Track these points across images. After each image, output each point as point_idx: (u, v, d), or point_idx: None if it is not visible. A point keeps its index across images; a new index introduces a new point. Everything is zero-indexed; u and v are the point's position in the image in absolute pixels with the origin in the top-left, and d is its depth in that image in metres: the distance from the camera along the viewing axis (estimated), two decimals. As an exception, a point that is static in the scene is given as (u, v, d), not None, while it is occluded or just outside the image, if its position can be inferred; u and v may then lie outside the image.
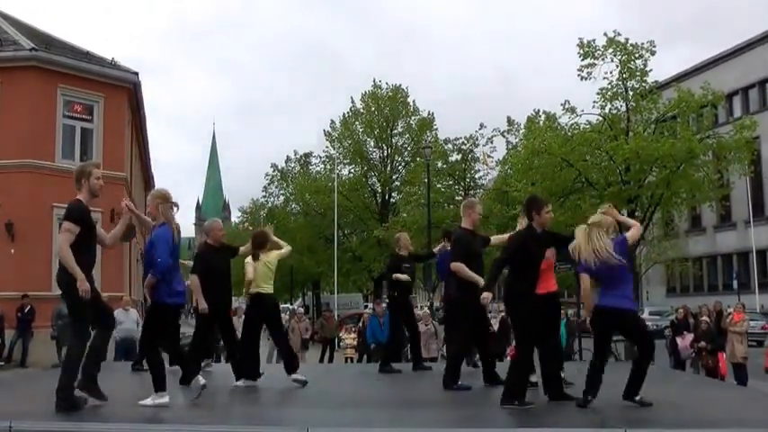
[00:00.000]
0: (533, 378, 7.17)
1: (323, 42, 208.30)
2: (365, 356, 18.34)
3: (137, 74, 22.29)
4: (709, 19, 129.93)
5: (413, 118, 41.05)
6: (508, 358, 16.81)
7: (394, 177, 41.70)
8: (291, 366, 8.03)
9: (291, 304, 45.14)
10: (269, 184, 45.23)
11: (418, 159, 37.99)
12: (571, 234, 6.75)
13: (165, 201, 6.48)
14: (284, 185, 44.89)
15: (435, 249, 9.97)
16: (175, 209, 6.52)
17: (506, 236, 8.19)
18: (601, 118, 24.14)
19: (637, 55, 23.26)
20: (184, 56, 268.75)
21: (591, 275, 6.34)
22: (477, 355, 9.47)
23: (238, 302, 19.50)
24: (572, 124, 24.62)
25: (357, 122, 41.05)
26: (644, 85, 23.71)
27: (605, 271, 6.19)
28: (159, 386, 6.34)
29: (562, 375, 7.35)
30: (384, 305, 19.00)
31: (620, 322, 6.35)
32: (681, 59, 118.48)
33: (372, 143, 41.55)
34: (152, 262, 6.41)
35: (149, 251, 6.46)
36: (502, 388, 7.46)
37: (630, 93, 23.65)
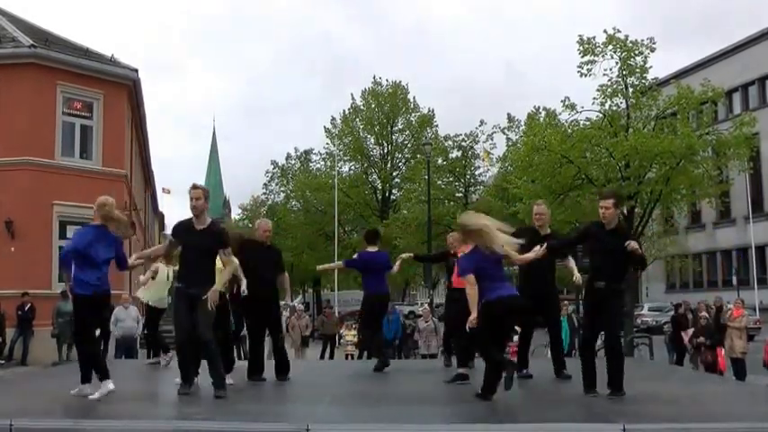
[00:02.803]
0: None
1: (325, 37, 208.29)
2: (366, 353, 18.37)
3: (136, 71, 22.27)
4: (714, 17, 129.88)
5: (413, 115, 41.12)
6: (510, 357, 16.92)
7: (394, 174, 41.77)
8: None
9: (292, 301, 45.15)
10: (269, 181, 45.36)
11: (418, 156, 38.10)
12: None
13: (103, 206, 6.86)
14: (285, 182, 44.94)
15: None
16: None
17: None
18: (601, 115, 24.15)
19: (636, 52, 23.26)
20: (184, 51, 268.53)
21: None
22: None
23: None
24: (572, 121, 24.65)
25: (357, 119, 41.14)
26: (644, 81, 23.72)
27: None
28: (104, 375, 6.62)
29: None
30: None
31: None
32: (687, 57, 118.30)
33: (373, 140, 41.62)
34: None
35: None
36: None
37: (630, 89, 23.66)
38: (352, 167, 42.56)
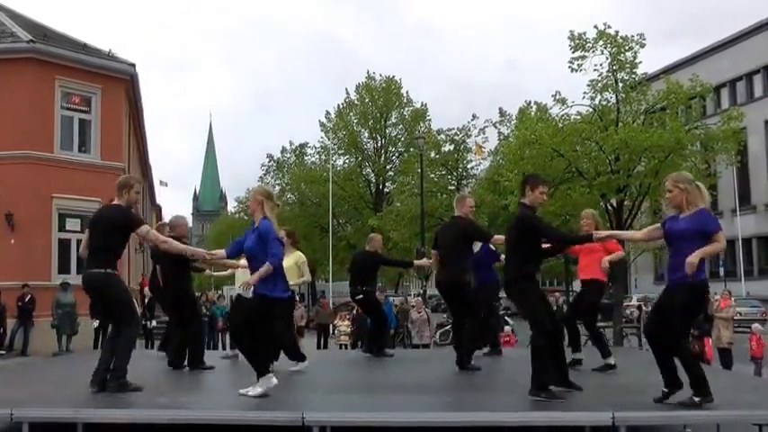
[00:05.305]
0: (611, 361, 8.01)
1: (325, 34, 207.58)
2: (359, 343, 18.75)
3: (134, 65, 22.45)
4: (711, 15, 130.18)
5: (406, 109, 41.35)
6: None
7: (388, 167, 42.02)
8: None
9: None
10: (265, 174, 45.47)
11: (412, 150, 38.36)
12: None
13: (269, 198, 6.50)
14: (280, 175, 45.09)
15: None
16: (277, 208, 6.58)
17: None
18: (591, 109, 24.40)
19: (627, 47, 23.48)
20: (184, 49, 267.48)
21: None
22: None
23: None
24: (563, 115, 24.88)
25: (351, 113, 41.32)
26: (633, 76, 23.95)
27: None
28: (261, 372, 6.42)
29: None
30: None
31: None
32: (682, 54, 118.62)
33: (366, 134, 41.84)
34: (257, 255, 6.30)
35: (254, 246, 6.34)
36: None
37: (620, 84, 23.89)
38: (347, 161, 42.81)
